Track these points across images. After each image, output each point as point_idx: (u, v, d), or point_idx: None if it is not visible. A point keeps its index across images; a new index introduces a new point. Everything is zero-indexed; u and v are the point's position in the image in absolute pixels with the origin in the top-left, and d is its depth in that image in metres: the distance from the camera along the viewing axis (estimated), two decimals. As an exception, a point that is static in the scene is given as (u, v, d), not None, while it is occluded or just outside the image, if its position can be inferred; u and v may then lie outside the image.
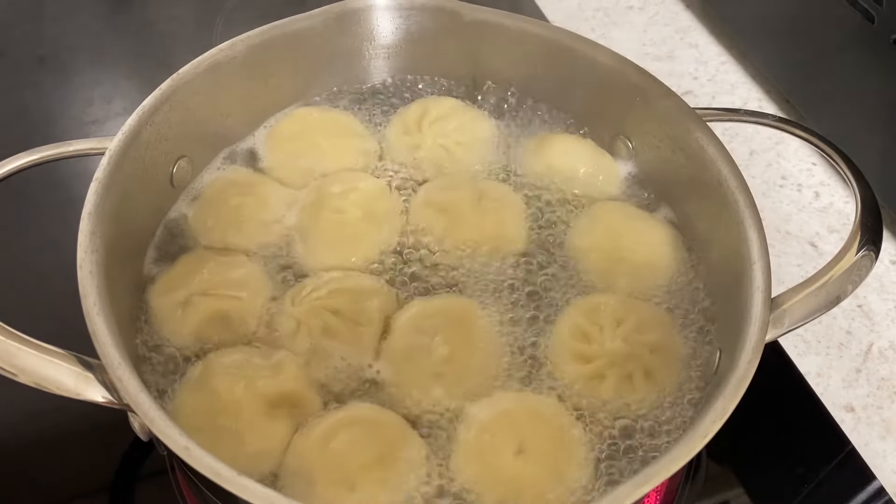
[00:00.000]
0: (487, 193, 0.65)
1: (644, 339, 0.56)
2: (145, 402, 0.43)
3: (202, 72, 0.62)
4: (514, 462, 0.50)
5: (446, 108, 0.70)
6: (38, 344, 0.46)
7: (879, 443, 0.68)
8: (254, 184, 0.65)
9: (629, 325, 0.57)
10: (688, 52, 1.02)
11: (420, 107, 0.70)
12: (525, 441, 0.50)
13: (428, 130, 0.68)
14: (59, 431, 0.64)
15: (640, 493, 0.42)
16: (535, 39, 0.68)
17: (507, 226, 0.63)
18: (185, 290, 0.57)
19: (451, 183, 0.66)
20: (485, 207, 0.63)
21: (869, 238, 0.53)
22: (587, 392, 0.54)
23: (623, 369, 0.55)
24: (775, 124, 0.62)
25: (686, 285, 0.61)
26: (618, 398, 0.54)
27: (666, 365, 0.55)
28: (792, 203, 0.85)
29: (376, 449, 0.50)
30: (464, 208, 0.63)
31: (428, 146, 0.68)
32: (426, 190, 0.65)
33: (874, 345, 0.74)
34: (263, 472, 0.50)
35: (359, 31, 0.70)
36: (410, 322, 0.56)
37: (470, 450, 0.51)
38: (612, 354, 0.55)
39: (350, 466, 0.49)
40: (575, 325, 0.57)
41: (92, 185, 0.52)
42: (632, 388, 0.54)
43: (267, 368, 0.53)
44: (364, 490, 0.48)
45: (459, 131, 0.69)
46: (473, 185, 0.65)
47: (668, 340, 0.57)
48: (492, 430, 0.51)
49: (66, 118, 0.91)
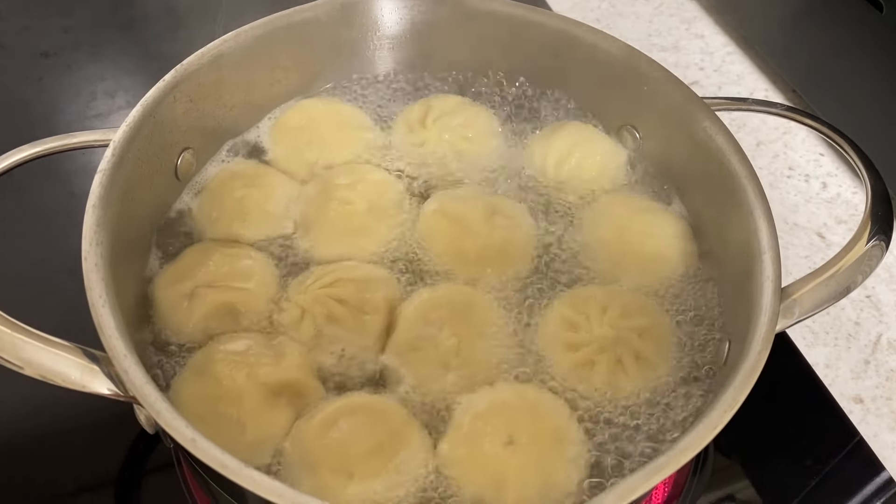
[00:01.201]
0: (500, 210, 0.63)
1: (630, 323, 0.56)
2: (151, 394, 0.43)
3: (206, 63, 0.61)
4: (503, 451, 0.50)
5: (451, 105, 0.70)
6: (44, 336, 0.46)
7: (888, 434, 0.67)
8: (258, 175, 0.64)
9: (614, 311, 0.57)
10: (694, 43, 1.01)
11: (423, 105, 0.70)
12: (516, 432, 0.50)
13: (432, 126, 0.68)
14: (65, 425, 0.64)
15: (649, 484, 0.41)
16: (540, 29, 0.68)
17: (517, 246, 0.61)
18: (190, 282, 0.57)
19: (464, 195, 0.64)
20: (495, 225, 0.62)
21: (879, 228, 0.53)
22: (579, 380, 0.54)
23: (612, 354, 0.55)
24: (784, 113, 0.61)
25: (694, 276, 0.61)
26: (609, 384, 0.54)
27: (656, 347, 0.56)
28: (799, 194, 0.85)
29: (376, 437, 0.49)
30: (474, 222, 0.61)
31: (433, 141, 0.67)
32: (439, 199, 0.64)
33: (883, 336, 0.74)
34: (264, 459, 0.50)
35: (363, 22, 0.70)
36: (417, 312, 0.56)
37: (461, 435, 0.51)
38: (600, 340, 0.55)
39: (349, 454, 0.49)
40: (561, 316, 0.57)
41: (96, 177, 0.52)
42: (624, 372, 0.54)
43: (269, 356, 0.53)
44: (362, 478, 0.48)
45: (465, 126, 0.68)
46: (486, 200, 0.63)
47: (656, 323, 0.57)
48: (485, 418, 0.51)
49: (69, 113, 0.90)
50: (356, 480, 0.48)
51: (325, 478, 0.48)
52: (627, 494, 0.41)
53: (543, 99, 0.72)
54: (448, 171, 0.67)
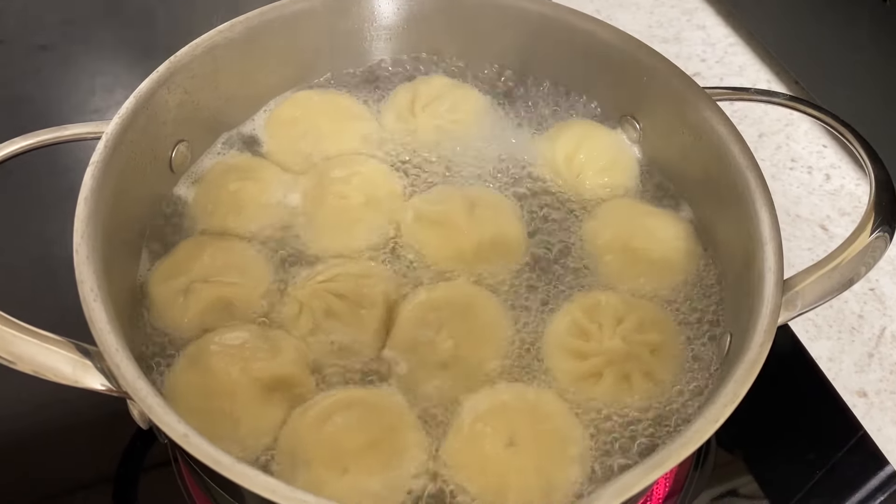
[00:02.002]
0: (480, 201, 0.62)
1: (645, 338, 0.55)
2: (143, 389, 0.43)
3: (200, 54, 0.61)
4: (504, 453, 0.49)
5: (437, 88, 0.69)
6: (36, 331, 0.45)
7: (892, 428, 0.67)
8: (254, 168, 0.64)
9: (630, 323, 0.55)
10: (695, 34, 1.00)
11: (409, 91, 0.69)
12: (517, 434, 0.49)
13: (421, 114, 0.67)
14: (61, 423, 0.64)
15: (649, 479, 0.41)
16: (538, 19, 0.67)
17: (507, 235, 0.60)
18: (185, 276, 0.56)
19: (441, 196, 0.62)
20: (479, 217, 0.60)
21: (883, 219, 0.52)
22: (582, 391, 0.53)
23: (621, 369, 0.53)
24: (786, 103, 0.61)
25: (698, 275, 0.60)
26: (614, 400, 0.53)
27: (666, 367, 0.54)
28: (802, 186, 0.84)
29: (371, 434, 0.49)
30: (457, 220, 0.60)
31: (424, 129, 0.67)
32: (413, 206, 0.62)
33: (887, 329, 0.73)
34: (258, 453, 0.50)
35: (359, 12, 0.69)
36: (414, 314, 0.55)
37: (461, 437, 0.50)
38: (610, 353, 0.54)
39: (344, 450, 0.48)
40: (573, 321, 0.55)
41: (88, 170, 0.52)
42: (630, 389, 0.53)
43: (265, 350, 0.52)
44: (356, 474, 0.47)
45: (453, 110, 0.68)
46: (464, 195, 0.62)
47: (670, 341, 0.55)
48: (485, 419, 0.50)
49: (67, 107, 0.90)
50: (350, 475, 0.47)
51: (319, 472, 0.47)
52: (627, 489, 0.40)
53: (542, 90, 0.71)
54: (442, 157, 0.66)
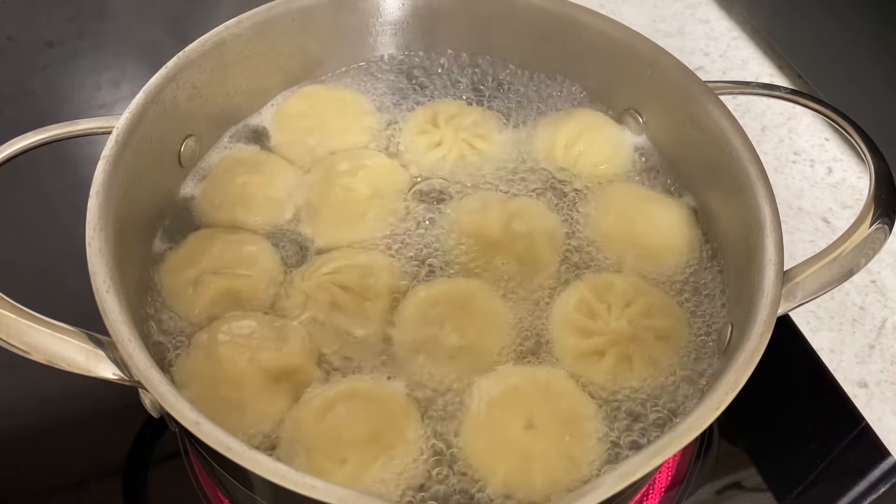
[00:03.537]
0: (518, 215, 0.61)
1: (651, 323, 0.55)
2: (155, 378, 0.43)
3: (208, 50, 0.61)
4: (524, 436, 0.50)
5: (455, 109, 0.69)
6: (50, 322, 0.46)
7: (893, 418, 0.67)
8: (261, 162, 0.65)
9: (638, 307, 0.56)
10: (698, 28, 1.00)
11: (429, 109, 0.69)
12: (534, 415, 0.50)
13: (446, 127, 0.67)
14: (72, 415, 0.65)
15: (651, 465, 0.41)
16: (542, 13, 0.67)
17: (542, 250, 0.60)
18: (194, 268, 0.57)
19: (481, 205, 0.62)
20: (515, 233, 0.60)
21: (883, 211, 0.52)
22: (583, 368, 0.54)
23: (624, 350, 0.54)
24: (787, 97, 0.61)
25: (698, 261, 0.61)
26: (613, 380, 0.53)
27: (669, 354, 0.55)
28: (804, 179, 0.84)
29: (372, 424, 0.49)
30: (493, 234, 0.60)
31: (449, 140, 0.66)
32: (456, 211, 0.62)
33: (888, 320, 0.73)
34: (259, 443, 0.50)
35: (365, 7, 0.69)
36: (416, 311, 0.56)
37: (479, 424, 0.50)
38: (615, 333, 0.55)
39: (344, 440, 0.49)
40: (581, 298, 0.56)
41: (99, 164, 0.52)
42: (630, 371, 0.54)
43: (272, 340, 0.53)
44: (355, 465, 0.48)
45: (476, 126, 0.67)
46: (503, 206, 0.62)
47: (676, 329, 0.56)
48: (501, 404, 0.51)
49: (74, 102, 0.91)
50: (349, 466, 0.48)
51: (319, 462, 0.48)
52: (627, 476, 0.41)
53: (546, 83, 0.71)
54: (468, 170, 0.66)
